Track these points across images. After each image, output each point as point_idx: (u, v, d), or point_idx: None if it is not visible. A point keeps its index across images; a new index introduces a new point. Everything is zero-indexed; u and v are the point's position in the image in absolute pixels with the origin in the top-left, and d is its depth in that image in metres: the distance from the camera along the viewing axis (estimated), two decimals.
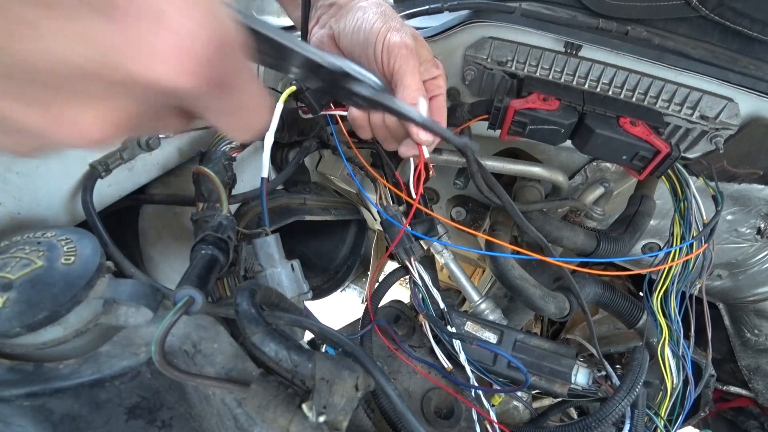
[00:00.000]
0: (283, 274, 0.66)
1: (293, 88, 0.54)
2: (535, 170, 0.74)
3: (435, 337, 0.65)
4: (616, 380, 0.62)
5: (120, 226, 0.75)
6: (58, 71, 0.15)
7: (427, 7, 0.64)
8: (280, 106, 0.55)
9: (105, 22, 0.14)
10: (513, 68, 0.64)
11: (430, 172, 0.62)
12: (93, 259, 0.44)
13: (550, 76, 0.64)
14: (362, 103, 0.30)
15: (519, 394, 0.68)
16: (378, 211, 0.64)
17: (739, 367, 1.08)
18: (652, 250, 0.92)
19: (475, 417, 0.59)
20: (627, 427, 0.58)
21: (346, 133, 0.67)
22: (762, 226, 0.85)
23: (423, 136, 0.46)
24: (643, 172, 0.59)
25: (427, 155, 0.51)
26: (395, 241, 0.62)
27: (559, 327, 1.25)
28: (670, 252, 0.64)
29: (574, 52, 0.63)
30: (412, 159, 0.58)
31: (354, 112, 0.53)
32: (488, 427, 0.58)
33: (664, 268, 0.64)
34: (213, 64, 0.17)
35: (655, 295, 0.65)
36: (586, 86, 0.63)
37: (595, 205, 0.81)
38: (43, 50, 0.14)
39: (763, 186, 0.75)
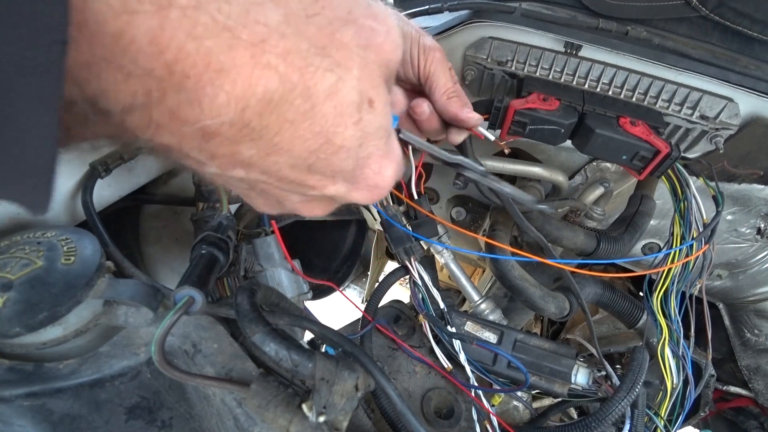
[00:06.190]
0: (283, 274, 0.66)
1: None
2: (535, 170, 0.74)
3: (435, 337, 0.65)
4: (616, 380, 0.62)
5: (120, 226, 0.75)
6: (325, 200, 0.32)
7: (427, 7, 0.64)
8: None
9: (348, 185, 0.29)
10: (513, 68, 0.64)
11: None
12: (93, 259, 0.44)
13: (550, 76, 0.64)
14: (471, 181, 0.48)
15: (519, 394, 0.68)
16: (378, 211, 0.64)
17: (739, 367, 1.08)
18: (652, 250, 0.92)
19: (475, 417, 0.59)
20: (627, 427, 0.58)
21: None
22: (762, 226, 0.85)
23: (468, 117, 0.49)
24: (643, 172, 0.59)
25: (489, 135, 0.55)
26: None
27: (559, 327, 1.25)
28: (670, 253, 0.64)
29: (574, 52, 0.63)
30: (412, 158, 0.58)
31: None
32: (488, 427, 0.58)
33: (664, 269, 0.64)
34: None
35: (655, 295, 0.65)
36: (586, 86, 0.63)
37: (595, 205, 0.80)
38: (321, 191, 0.29)
39: (763, 186, 0.75)
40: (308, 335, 0.70)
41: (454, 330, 0.63)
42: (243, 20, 0.19)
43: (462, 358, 0.61)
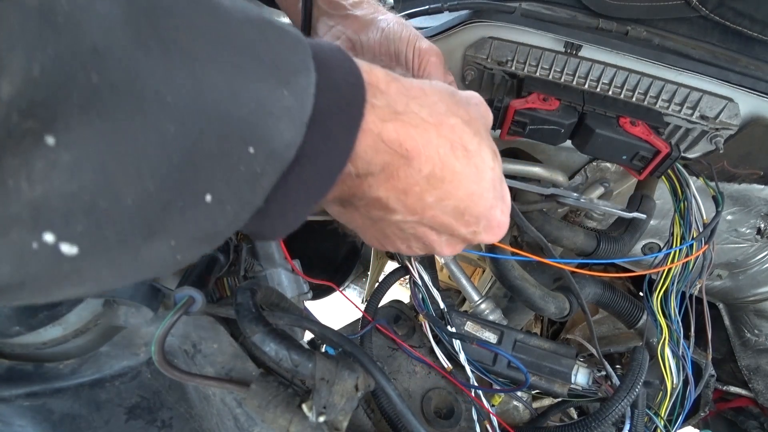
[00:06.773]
0: (283, 274, 0.66)
1: None
2: (535, 170, 0.74)
3: (435, 337, 0.65)
4: (616, 380, 0.62)
5: None
6: (464, 241, 0.38)
7: (427, 7, 0.64)
8: None
9: (485, 225, 0.36)
10: (513, 68, 0.64)
11: None
12: None
13: (550, 76, 0.64)
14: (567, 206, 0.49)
15: (519, 394, 0.68)
16: None
17: (739, 367, 1.08)
18: (652, 250, 0.92)
19: (475, 417, 0.59)
20: (627, 427, 0.58)
21: None
22: (762, 226, 0.85)
23: None
24: (643, 172, 0.59)
25: None
26: None
27: (559, 327, 1.25)
28: (670, 253, 0.64)
29: (574, 52, 0.63)
30: None
31: None
32: (488, 427, 0.58)
33: (664, 269, 0.64)
34: None
35: (655, 295, 0.65)
36: (586, 86, 0.63)
37: None
38: (466, 230, 0.36)
39: (763, 186, 0.75)
40: (308, 335, 0.70)
41: (454, 330, 0.63)
42: (431, 114, 0.31)
43: (462, 358, 0.61)
